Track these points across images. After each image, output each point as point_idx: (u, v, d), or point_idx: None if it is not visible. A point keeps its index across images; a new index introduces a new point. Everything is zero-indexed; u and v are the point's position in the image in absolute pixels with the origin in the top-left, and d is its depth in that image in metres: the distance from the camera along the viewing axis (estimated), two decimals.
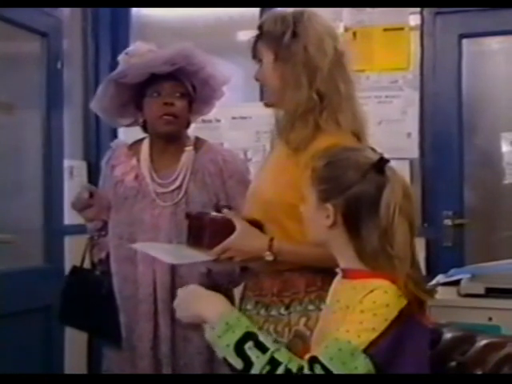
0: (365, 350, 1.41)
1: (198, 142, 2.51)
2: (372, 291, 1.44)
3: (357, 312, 1.44)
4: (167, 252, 2.13)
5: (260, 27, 2.04)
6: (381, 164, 1.52)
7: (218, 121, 3.68)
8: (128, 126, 2.60)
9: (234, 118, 3.65)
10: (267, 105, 2.09)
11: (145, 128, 2.50)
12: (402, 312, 1.44)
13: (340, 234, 1.54)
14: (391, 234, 1.48)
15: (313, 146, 1.92)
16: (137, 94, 2.44)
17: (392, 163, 1.57)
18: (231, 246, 1.94)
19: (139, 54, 2.43)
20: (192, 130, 2.66)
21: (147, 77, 2.40)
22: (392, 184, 1.50)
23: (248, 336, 1.49)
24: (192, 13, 3.74)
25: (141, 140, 2.54)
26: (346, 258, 1.56)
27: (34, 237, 3.42)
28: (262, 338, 1.49)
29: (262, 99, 2.15)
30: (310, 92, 1.95)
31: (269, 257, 1.93)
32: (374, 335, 1.41)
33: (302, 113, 1.96)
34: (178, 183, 2.41)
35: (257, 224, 1.98)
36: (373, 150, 1.60)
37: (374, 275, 1.49)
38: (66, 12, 3.58)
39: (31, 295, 3.17)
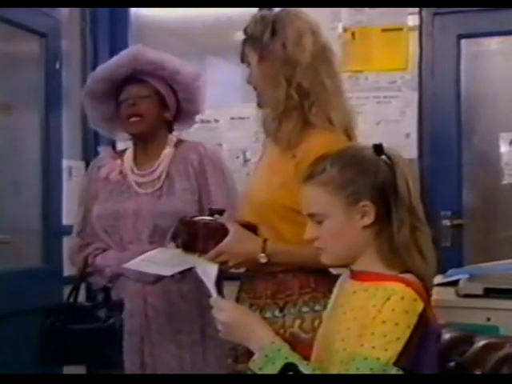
0: (395, 363, 1.41)
1: (179, 142, 2.59)
2: (389, 298, 1.44)
3: (378, 323, 1.43)
4: (161, 262, 2.11)
5: (245, 31, 2.06)
6: (378, 148, 1.55)
7: (217, 121, 3.68)
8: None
9: (232, 118, 3.65)
10: (259, 106, 2.10)
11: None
12: (421, 317, 1.45)
13: (369, 233, 1.54)
14: (415, 205, 1.52)
15: (305, 143, 1.93)
16: (115, 106, 2.54)
17: None
18: (225, 249, 1.94)
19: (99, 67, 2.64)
20: (191, 131, 2.68)
21: (110, 84, 2.51)
22: (396, 159, 1.53)
23: (288, 367, 1.50)
24: (191, 13, 3.73)
25: (126, 149, 2.64)
26: (362, 259, 1.56)
27: (33, 237, 3.42)
28: (302, 367, 1.50)
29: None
30: (289, 90, 1.96)
31: (263, 259, 1.94)
32: (400, 345, 1.41)
33: (284, 111, 1.97)
34: (157, 174, 2.50)
35: (250, 227, 1.98)
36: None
37: (386, 277, 1.49)
38: (64, 12, 3.58)
39: (29, 295, 3.16)
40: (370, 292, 1.48)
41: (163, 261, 2.11)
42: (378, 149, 1.55)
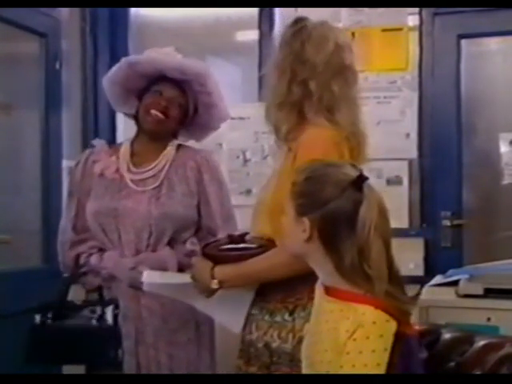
0: None
1: (179, 146, 2.60)
2: (361, 325, 1.44)
3: (355, 354, 1.43)
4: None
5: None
6: (359, 181, 1.52)
7: None
8: (125, 114, 2.68)
9: (232, 118, 3.64)
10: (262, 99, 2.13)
11: (137, 119, 2.57)
12: (397, 336, 1.46)
13: (317, 249, 1.55)
14: (367, 252, 1.48)
15: (300, 137, 1.96)
16: (143, 87, 2.52)
17: (391, 163, 1.57)
18: (192, 278, 2.05)
19: (163, 51, 2.54)
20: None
21: (156, 74, 2.48)
22: (368, 201, 1.50)
23: None
24: (191, 13, 3.73)
25: (121, 144, 2.63)
26: (324, 272, 1.58)
27: (33, 237, 3.42)
28: None
29: (260, 99, 2.17)
30: (292, 84, 1.98)
31: (214, 285, 1.99)
32: (381, 370, 1.43)
33: (282, 102, 1.99)
34: (154, 172, 2.50)
35: (268, 241, 1.99)
36: (353, 166, 1.60)
37: (356, 298, 1.49)
38: (64, 12, 3.58)
39: (29, 296, 3.16)
40: (344, 313, 1.49)
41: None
42: (357, 181, 1.52)
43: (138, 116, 2.54)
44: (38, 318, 2.40)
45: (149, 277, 2.23)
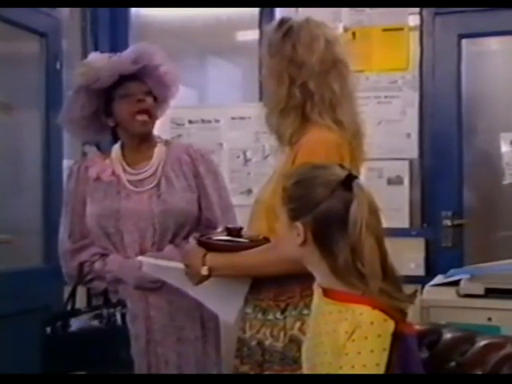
0: None
1: (167, 142, 2.61)
2: (359, 326, 1.44)
3: (354, 354, 1.44)
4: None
5: (263, 29, 2.09)
6: (348, 180, 1.52)
7: (218, 121, 3.68)
8: (91, 141, 2.73)
9: (233, 118, 3.64)
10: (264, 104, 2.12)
11: (114, 134, 2.56)
12: (394, 335, 1.45)
13: (312, 252, 1.55)
14: (360, 250, 1.48)
15: (302, 138, 1.96)
16: (105, 100, 2.50)
17: (391, 163, 1.57)
18: (186, 265, 2.05)
19: (100, 60, 2.51)
20: (193, 131, 2.67)
21: (116, 79, 2.46)
22: (358, 200, 1.49)
23: None
24: (191, 13, 3.73)
25: (109, 150, 2.61)
26: (321, 274, 1.57)
27: (33, 237, 3.42)
28: None
29: (261, 99, 2.17)
30: (292, 88, 1.98)
31: (204, 271, 1.99)
32: (381, 370, 1.43)
33: (284, 108, 1.99)
34: (152, 171, 2.50)
35: (264, 239, 1.99)
36: (341, 166, 1.60)
37: (353, 298, 1.49)
38: (65, 12, 3.58)
39: (29, 295, 3.16)
40: (342, 315, 1.49)
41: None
42: (346, 181, 1.52)
43: (120, 127, 2.52)
44: (48, 329, 2.39)
45: (144, 259, 2.26)
